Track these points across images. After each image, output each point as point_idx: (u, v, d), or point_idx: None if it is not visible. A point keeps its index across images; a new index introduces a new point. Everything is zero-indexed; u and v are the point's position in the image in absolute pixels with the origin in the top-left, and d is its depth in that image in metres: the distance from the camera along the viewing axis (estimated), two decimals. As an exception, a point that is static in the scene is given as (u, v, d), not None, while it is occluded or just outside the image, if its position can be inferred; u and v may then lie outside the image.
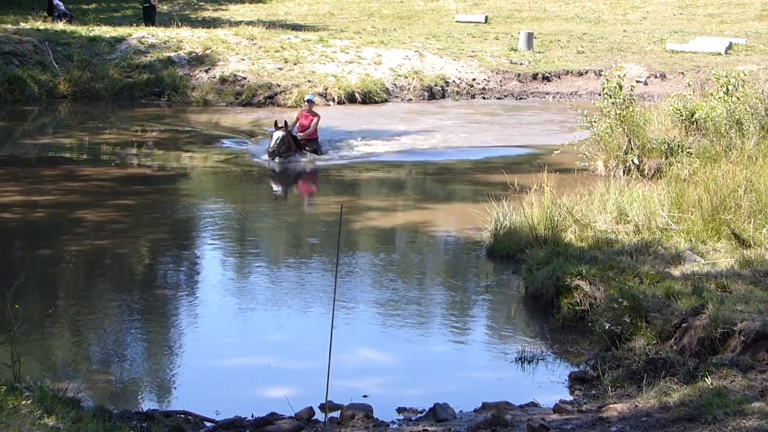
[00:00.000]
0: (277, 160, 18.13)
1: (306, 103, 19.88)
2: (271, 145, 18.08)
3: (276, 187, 17.92)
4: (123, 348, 9.54)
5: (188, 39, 29.05)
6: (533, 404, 7.89)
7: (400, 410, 7.88)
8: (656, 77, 28.89)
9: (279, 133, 18.11)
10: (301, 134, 18.74)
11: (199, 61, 27.62)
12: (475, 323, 10.40)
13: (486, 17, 38.81)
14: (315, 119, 19.09)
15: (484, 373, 8.92)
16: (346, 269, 11.72)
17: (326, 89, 26.44)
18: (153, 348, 9.57)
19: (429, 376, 8.77)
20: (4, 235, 13.78)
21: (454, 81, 28.41)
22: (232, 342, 9.63)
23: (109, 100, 26.11)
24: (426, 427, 7.33)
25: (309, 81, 26.79)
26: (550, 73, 29.39)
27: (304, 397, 7.84)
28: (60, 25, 30.16)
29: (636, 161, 15.98)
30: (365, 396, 8.08)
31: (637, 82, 26.30)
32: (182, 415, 7.63)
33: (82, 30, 29.39)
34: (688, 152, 15.44)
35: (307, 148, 18.78)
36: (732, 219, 11.11)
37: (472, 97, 28.01)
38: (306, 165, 18.64)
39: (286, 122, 18.51)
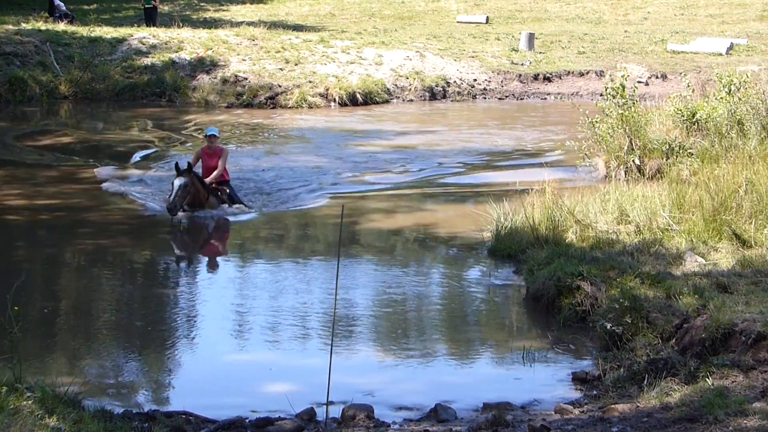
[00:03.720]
0: (181, 214, 14.04)
1: (206, 139, 15.38)
2: (171, 198, 13.85)
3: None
4: (124, 348, 9.54)
5: (189, 40, 29.05)
6: (534, 404, 7.90)
7: (401, 410, 7.88)
8: (657, 78, 28.87)
9: (180, 180, 13.89)
10: (209, 179, 14.71)
11: (200, 61, 27.62)
12: (476, 323, 10.39)
13: (487, 18, 38.79)
14: (222, 157, 14.99)
15: (485, 374, 8.93)
16: (348, 269, 11.71)
17: (327, 90, 26.43)
18: (154, 348, 9.56)
19: (430, 376, 8.77)
20: (4, 235, 13.79)
21: (455, 81, 28.38)
22: (232, 342, 9.65)
23: (110, 100, 26.11)
24: (427, 428, 7.34)
25: (310, 81, 26.79)
26: (551, 74, 29.36)
27: (305, 397, 7.85)
28: (61, 26, 30.18)
29: (637, 161, 15.97)
30: (366, 395, 8.08)
31: (638, 82, 26.17)
32: (183, 416, 7.64)
33: (83, 31, 29.41)
34: (689, 153, 15.42)
35: (219, 194, 14.79)
36: (733, 219, 11.09)
37: (473, 98, 27.98)
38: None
39: (189, 164, 14.50)
